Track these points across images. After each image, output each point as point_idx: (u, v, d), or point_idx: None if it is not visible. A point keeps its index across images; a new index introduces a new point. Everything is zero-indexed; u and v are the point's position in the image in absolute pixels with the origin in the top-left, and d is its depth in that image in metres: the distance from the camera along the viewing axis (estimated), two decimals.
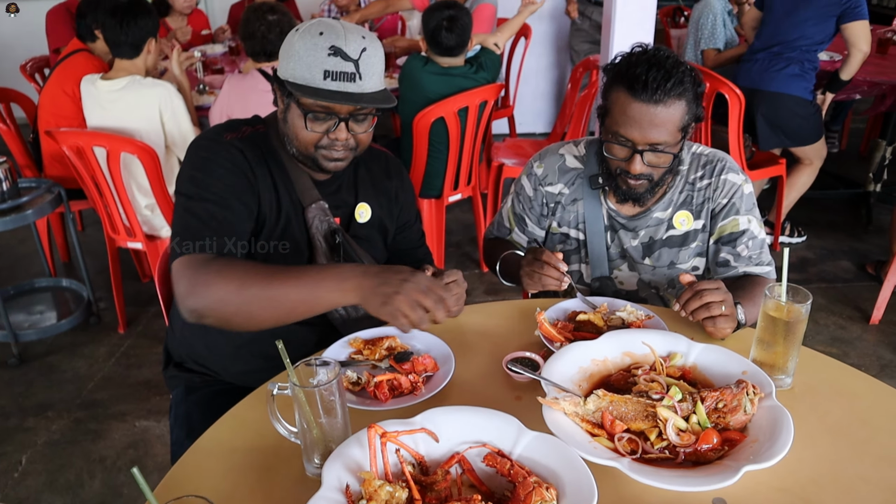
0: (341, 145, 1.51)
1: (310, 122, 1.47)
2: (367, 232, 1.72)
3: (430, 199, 3.44)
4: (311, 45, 1.42)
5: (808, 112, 3.67)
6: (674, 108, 1.55)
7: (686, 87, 1.55)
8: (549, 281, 1.63)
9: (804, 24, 3.55)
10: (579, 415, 1.21)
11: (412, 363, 1.40)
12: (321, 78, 1.42)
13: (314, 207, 1.60)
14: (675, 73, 1.53)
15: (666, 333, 1.43)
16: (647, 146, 1.58)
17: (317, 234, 1.61)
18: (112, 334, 3.38)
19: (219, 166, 1.50)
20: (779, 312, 1.34)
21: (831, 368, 1.45)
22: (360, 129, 1.51)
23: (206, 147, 1.53)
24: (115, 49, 3.00)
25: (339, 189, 1.67)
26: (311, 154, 1.53)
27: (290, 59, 1.45)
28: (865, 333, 3.25)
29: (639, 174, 1.61)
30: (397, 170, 1.79)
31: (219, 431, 1.31)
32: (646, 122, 1.55)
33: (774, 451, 1.10)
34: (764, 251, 1.73)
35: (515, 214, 1.91)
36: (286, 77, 1.46)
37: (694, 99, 1.59)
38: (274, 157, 1.59)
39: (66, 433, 2.76)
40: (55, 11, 4.33)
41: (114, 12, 2.93)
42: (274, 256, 1.59)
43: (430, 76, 3.20)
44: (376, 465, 1.09)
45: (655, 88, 1.52)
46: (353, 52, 1.43)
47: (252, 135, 1.59)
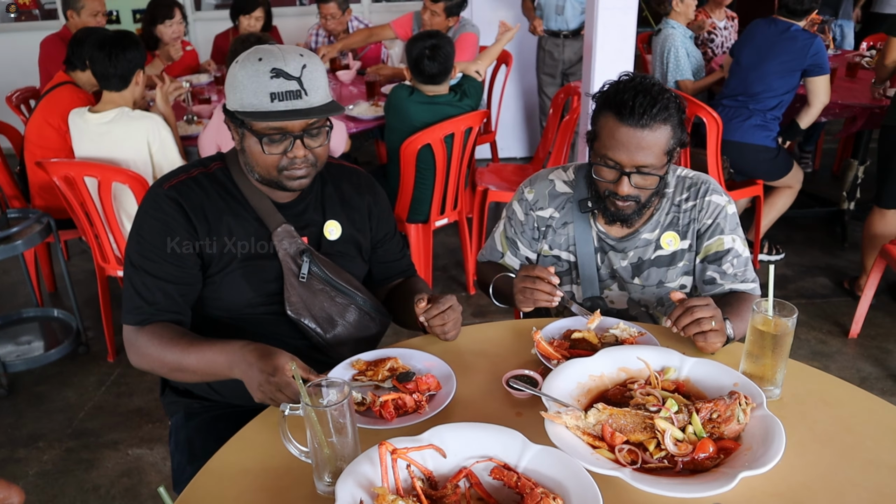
0: (301, 162, 1.56)
1: (266, 145, 1.53)
2: (341, 248, 1.75)
3: (417, 224, 3.49)
4: (252, 71, 1.48)
5: (771, 156, 3.82)
6: (659, 132, 1.62)
7: (671, 113, 1.63)
8: (541, 296, 1.67)
9: (769, 78, 3.70)
10: (580, 428, 1.25)
11: (415, 383, 1.44)
12: (268, 101, 1.48)
13: (280, 231, 1.65)
14: (660, 99, 1.61)
15: (659, 349, 1.49)
16: (635, 168, 1.64)
17: (285, 256, 1.65)
18: (101, 363, 3.37)
19: (153, 231, 1.59)
20: (766, 326, 1.40)
21: (817, 379, 1.51)
22: (315, 143, 1.57)
23: (146, 202, 1.62)
24: (104, 82, 3.02)
25: (305, 209, 1.72)
26: (274, 177, 1.58)
27: (235, 90, 1.51)
28: (845, 347, 3.33)
29: (626, 195, 1.68)
30: (369, 185, 1.83)
31: (227, 454, 1.34)
32: (633, 146, 1.62)
33: (768, 458, 1.15)
34: (748, 268, 1.79)
35: (508, 238, 1.96)
36: (235, 108, 1.53)
37: (679, 124, 1.66)
38: (232, 191, 1.65)
39: (58, 463, 2.75)
40: (50, 41, 4.36)
41: (101, 45, 2.96)
42: (243, 282, 1.64)
43: (415, 105, 3.26)
44: (388, 480, 1.13)
45: (642, 113, 1.59)
46: (295, 71, 1.49)
47: (201, 175, 1.65)
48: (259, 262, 1.64)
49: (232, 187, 1.65)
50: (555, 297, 1.67)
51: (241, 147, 1.58)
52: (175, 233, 1.58)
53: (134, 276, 1.59)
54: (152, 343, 1.55)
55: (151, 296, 1.58)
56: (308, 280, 1.67)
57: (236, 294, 1.64)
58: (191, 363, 1.52)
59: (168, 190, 1.60)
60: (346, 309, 1.73)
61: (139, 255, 1.59)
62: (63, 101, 3.37)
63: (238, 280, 1.64)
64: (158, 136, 3.01)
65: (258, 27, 4.68)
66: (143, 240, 1.59)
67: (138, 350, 1.57)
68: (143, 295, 1.58)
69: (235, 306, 1.66)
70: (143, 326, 1.57)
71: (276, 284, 1.66)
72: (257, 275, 1.65)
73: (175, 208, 1.59)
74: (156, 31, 4.41)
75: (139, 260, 1.59)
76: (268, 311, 1.67)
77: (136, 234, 1.61)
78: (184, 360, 1.52)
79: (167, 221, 1.58)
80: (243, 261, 1.63)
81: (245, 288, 1.64)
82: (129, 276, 1.60)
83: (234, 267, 1.63)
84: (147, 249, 1.58)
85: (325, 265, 1.69)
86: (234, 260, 1.63)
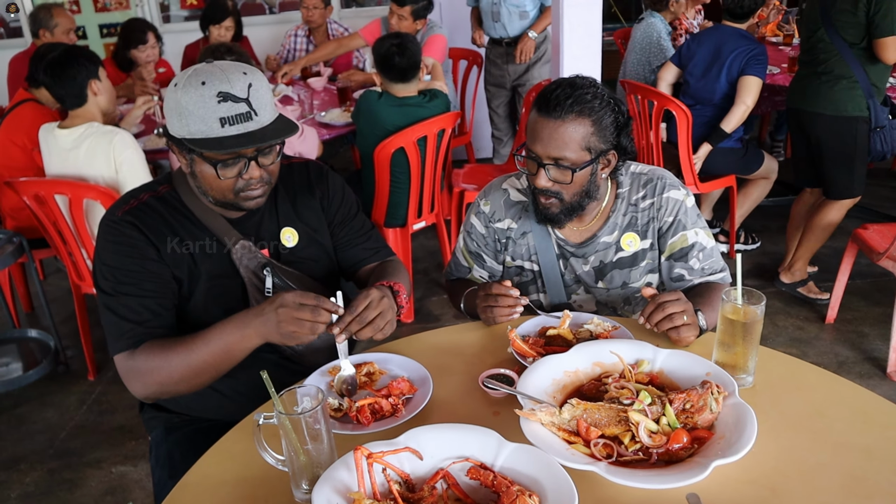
0: (257, 182, 1.54)
1: (221, 170, 1.49)
2: (302, 254, 1.74)
3: (395, 228, 3.50)
4: (197, 97, 1.42)
5: (739, 155, 3.85)
6: (575, 125, 1.61)
7: (590, 108, 1.61)
8: (503, 311, 1.66)
9: (719, 84, 3.73)
10: (555, 424, 1.26)
11: (388, 387, 1.44)
12: (219, 126, 1.44)
13: (238, 248, 1.63)
14: (579, 94, 1.61)
15: (632, 342, 1.50)
16: (550, 160, 1.64)
17: (247, 272, 1.64)
18: (82, 382, 3.34)
19: (118, 254, 1.55)
20: (736, 315, 1.42)
21: (788, 365, 1.53)
22: (268, 161, 1.55)
23: (103, 233, 1.58)
24: (62, 102, 2.99)
25: (260, 221, 1.69)
26: (230, 200, 1.56)
27: (180, 117, 1.45)
28: (822, 333, 3.37)
29: (544, 189, 1.67)
30: (319, 176, 1.79)
31: (205, 466, 1.34)
32: (546, 136, 1.63)
33: (741, 446, 1.16)
34: (715, 258, 1.80)
35: (471, 252, 1.95)
36: (182, 135, 1.46)
37: (606, 124, 1.64)
38: (184, 211, 1.62)
39: (41, 484, 2.73)
40: (18, 59, 4.32)
41: (45, 70, 2.95)
42: (210, 304, 1.62)
43: (386, 108, 3.26)
44: (364, 485, 1.13)
45: (556, 105, 1.61)
46: (241, 92, 1.45)
47: (150, 199, 1.62)
48: (223, 282, 1.63)
49: (184, 209, 1.62)
50: (517, 308, 1.67)
51: (192, 171, 1.54)
52: (142, 251, 1.55)
53: (112, 303, 1.54)
54: (152, 359, 1.51)
55: (138, 315, 1.54)
56: (272, 294, 1.65)
57: (205, 316, 1.61)
58: (202, 358, 1.48)
59: (123, 215, 1.57)
60: None
61: (113, 283, 1.54)
62: (26, 118, 3.34)
63: (206, 303, 1.62)
64: (123, 152, 2.96)
65: (228, 37, 4.67)
66: (112, 267, 1.55)
67: (139, 374, 1.52)
68: (129, 317, 1.53)
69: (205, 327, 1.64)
70: (137, 348, 1.53)
71: (244, 302, 1.65)
72: (224, 295, 1.64)
73: (135, 231, 1.55)
74: (129, 54, 4.38)
75: (114, 287, 1.54)
76: None
77: (101, 266, 1.56)
78: (193, 359, 1.48)
79: (132, 244, 1.55)
80: (207, 282, 1.61)
81: (213, 309, 1.62)
82: (108, 305, 1.55)
83: (200, 290, 1.61)
84: (119, 275, 1.54)
85: (289, 276, 1.68)
86: (198, 284, 1.61)
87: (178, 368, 1.49)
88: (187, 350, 1.49)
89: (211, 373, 1.52)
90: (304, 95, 4.09)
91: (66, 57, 2.94)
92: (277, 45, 5.38)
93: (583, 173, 1.66)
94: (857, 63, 3.14)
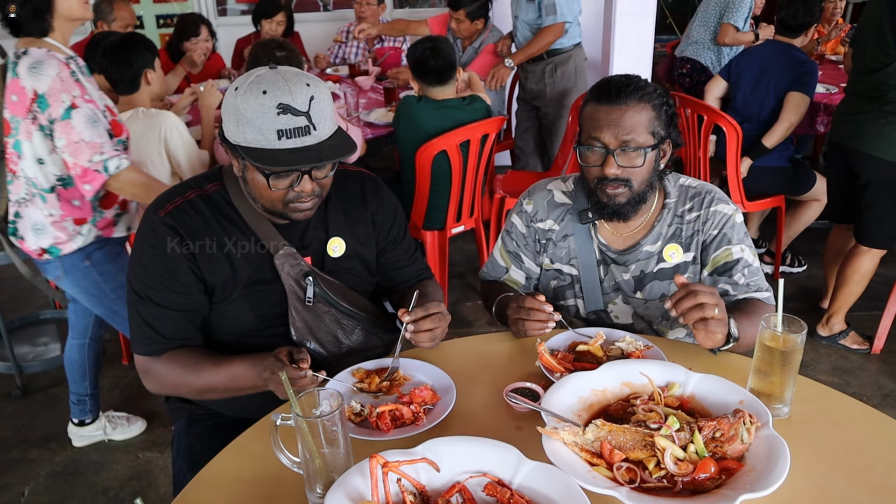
0: (307, 196, 1.51)
1: (272, 181, 1.47)
2: (346, 265, 1.72)
3: (434, 231, 3.48)
4: (257, 106, 1.39)
5: (788, 175, 3.74)
6: (638, 109, 1.64)
7: (649, 94, 1.65)
8: (535, 326, 1.65)
9: (769, 100, 3.63)
10: (578, 444, 1.22)
11: (411, 395, 1.42)
12: (275, 139, 1.40)
13: (281, 254, 1.61)
14: (637, 82, 1.66)
15: (664, 363, 1.45)
16: (619, 146, 1.64)
17: (288, 280, 1.61)
18: (116, 366, 3.40)
19: (154, 260, 1.55)
20: (775, 342, 1.36)
21: (828, 397, 1.47)
22: (321, 174, 1.51)
23: (142, 230, 1.58)
24: (115, 87, 3.05)
25: (307, 228, 1.67)
26: (279, 210, 1.54)
27: (238, 123, 1.42)
28: (867, 363, 3.25)
29: (615, 177, 1.65)
30: (374, 191, 1.77)
31: (221, 462, 1.33)
32: (614, 122, 1.63)
33: (771, 480, 1.11)
34: (760, 278, 1.74)
35: (509, 252, 1.93)
36: (238, 142, 1.44)
37: (663, 112, 1.67)
38: (230, 215, 1.60)
39: (69, 465, 2.77)
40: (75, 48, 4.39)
41: (105, 53, 3.00)
42: (247, 309, 1.62)
43: (426, 112, 3.25)
44: (378, 494, 1.11)
45: (618, 92, 1.63)
46: (303, 105, 1.41)
47: (197, 199, 1.59)
48: (262, 288, 1.61)
49: (230, 211, 1.60)
50: (549, 324, 1.65)
51: (244, 177, 1.52)
52: (176, 262, 1.54)
53: (139, 304, 1.56)
54: (174, 371, 1.56)
55: (161, 326, 1.55)
56: (313, 303, 1.64)
57: (240, 321, 1.62)
58: (221, 382, 1.54)
59: (164, 217, 1.55)
60: (352, 330, 1.72)
61: (143, 284, 1.55)
62: None
63: (242, 308, 1.61)
64: (172, 135, 3.02)
65: (280, 32, 4.71)
66: (145, 269, 1.55)
67: (158, 379, 1.58)
68: (152, 325, 1.55)
69: (239, 332, 1.64)
70: (158, 357, 1.56)
71: (279, 308, 1.64)
72: (261, 301, 1.62)
73: (172, 237, 1.54)
74: (182, 46, 4.45)
75: (143, 289, 1.55)
76: (272, 335, 1.64)
77: (136, 263, 1.57)
78: (214, 381, 1.54)
79: (165, 251, 1.54)
80: (246, 288, 1.60)
81: (249, 315, 1.62)
82: (134, 303, 1.57)
83: (237, 295, 1.60)
84: (150, 279, 1.55)
85: (330, 287, 1.67)
86: (236, 288, 1.60)
87: (194, 386, 1.57)
88: (210, 373, 1.54)
89: (222, 395, 1.59)
90: (351, 93, 4.09)
91: (126, 42, 3.00)
92: (329, 42, 5.40)
93: (650, 157, 1.67)
94: None
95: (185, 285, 1.56)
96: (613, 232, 1.81)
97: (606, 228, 1.81)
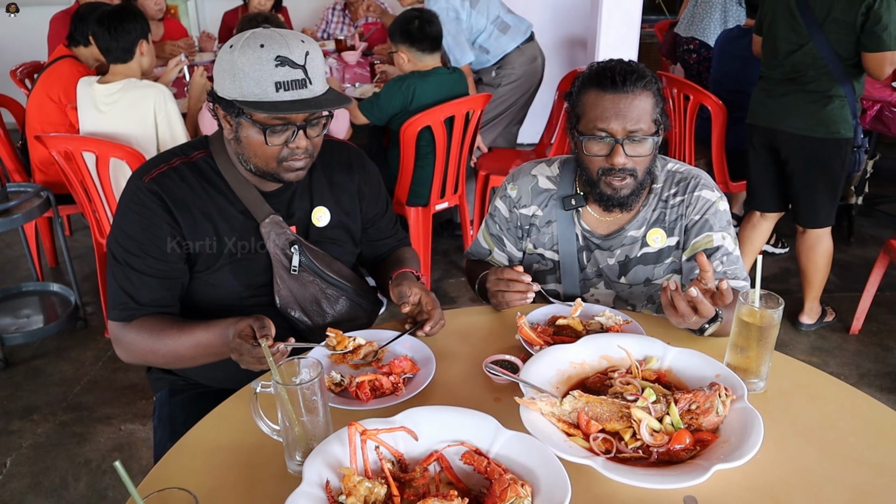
0: (302, 153, 1.51)
1: (269, 136, 1.46)
2: (331, 234, 1.72)
3: (417, 207, 3.47)
4: (254, 59, 1.40)
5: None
6: (643, 97, 1.62)
7: (650, 81, 1.63)
8: (514, 297, 1.66)
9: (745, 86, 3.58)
10: (556, 415, 1.24)
11: (390, 365, 1.42)
12: (273, 90, 1.41)
13: (268, 222, 1.60)
14: (637, 68, 1.64)
15: (642, 338, 1.46)
16: (627, 135, 1.62)
17: (274, 248, 1.61)
18: (99, 338, 3.38)
19: (134, 225, 1.53)
20: (752, 318, 1.38)
21: (804, 373, 1.49)
22: (315, 133, 1.53)
23: (126, 196, 1.56)
24: (108, 55, 3.03)
25: (292, 197, 1.67)
26: (272, 169, 1.53)
27: (234, 78, 1.43)
28: (845, 343, 3.30)
29: (623, 167, 1.64)
30: (359, 162, 1.78)
31: (202, 430, 1.33)
32: (621, 112, 1.61)
33: (744, 451, 1.13)
34: (739, 267, 1.73)
35: (492, 236, 1.92)
36: (234, 97, 1.44)
37: (659, 99, 1.66)
38: (216, 182, 1.59)
39: (52, 436, 2.77)
40: (59, 18, 4.34)
41: (101, 20, 2.97)
42: (232, 277, 1.61)
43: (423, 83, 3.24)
44: (356, 461, 1.12)
45: (623, 80, 1.60)
46: (299, 58, 1.43)
47: (182, 165, 1.58)
48: (247, 256, 1.61)
49: (216, 178, 1.59)
50: (528, 294, 1.65)
51: (237, 137, 1.51)
52: (157, 228, 1.53)
53: (117, 270, 1.55)
54: (141, 337, 1.53)
55: (136, 291, 1.54)
56: (298, 272, 1.64)
57: (224, 289, 1.62)
58: (186, 351, 1.51)
59: (148, 183, 1.54)
60: (336, 300, 1.72)
61: (122, 250, 1.54)
62: (63, 74, 3.37)
63: (226, 276, 1.61)
64: (164, 107, 3.00)
65: (268, 6, 4.66)
66: (126, 234, 1.54)
67: (126, 347, 1.56)
68: (128, 290, 1.54)
69: (223, 300, 1.64)
70: (129, 322, 1.54)
71: (264, 277, 1.64)
72: (246, 269, 1.62)
73: (156, 203, 1.53)
74: (137, 3, 4.38)
75: (122, 254, 1.54)
76: (256, 303, 1.64)
77: (118, 228, 1.56)
78: (179, 349, 1.51)
79: (149, 217, 1.53)
80: (231, 256, 1.60)
81: (233, 283, 1.62)
82: (112, 270, 1.56)
83: (221, 263, 1.60)
84: (130, 244, 1.53)
85: (315, 256, 1.67)
86: (220, 256, 1.59)
87: (160, 353, 1.53)
88: (175, 340, 1.51)
89: (192, 363, 1.55)
90: (337, 69, 4.07)
91: (123, 12, 3.00)
92: (316, 19, 5.36)
93: (655, 145, 1.66)
94: (847, 80, 2.92)
95: (164, 252, 1.55)
96: (598, 217, 1.80)
97: (591, 214, 1.80)
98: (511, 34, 4.02)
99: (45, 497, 2.47)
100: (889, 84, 3.86)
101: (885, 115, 3.69)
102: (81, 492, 2.49)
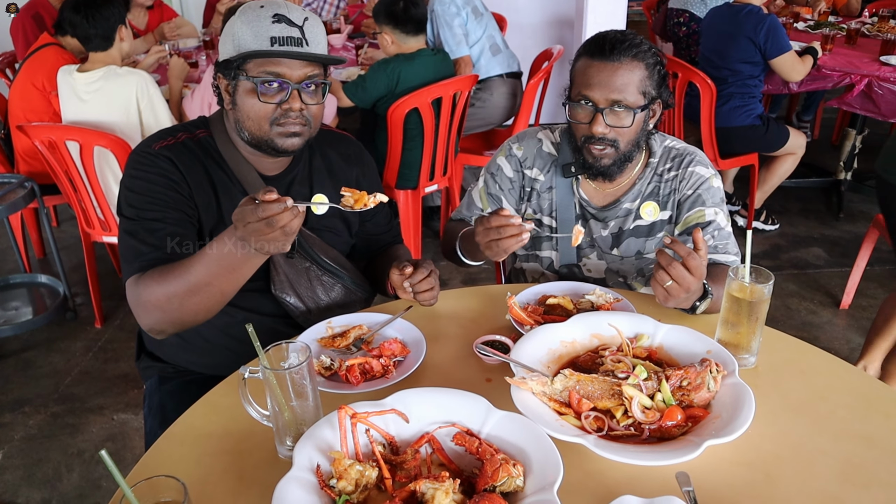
0: (296, 117, 1.50)
1: (262, 94, 1.47)
2: (328, 223, 1.71)
3: (407, 191, 3.45)
4: (253, 17, 1.45)
5: (760, 133, 3.74)
6: (630, 67, 1.61)
7: (643, 52, 1.62)
8: (509, 242, 1.50)
9: (734, 64, 3.63)
10: (547, 394, 1.23)
11: (380, 348, 1.41)
12: (268, 45, 1.44)
13: None
14: (632, 39, 1.62)
15: (633, 315, 1.46)
16: (608, 104, 1.61)
17: None
18: (89, 329, 3.36)
19: (148, 181, 1.51)
20: (742, 293, 1.37)
21: (794, 348, 1.49)
22: (311, 100, 1.52)
23: (135, 162, 1.54)
24: (87, 43, 2.98)
25: (292, 182, 1.66)
26: (266, 134, 1.51)
27: (234, 39, 1.47)
28: (835, 318, 3.31)
29: (600, 137, 1.63)
30: (358, 155, 1.78)
31: (191, 417, 1.32)
32: (604, 80, 1.61)
33: (736, 426, 1.13)
34: (730, 242, 1.73)
35: (490, 195, 1.89)
36: (230, 54, 1.48)
37: (655, 71, 1.65)
38: (217, 160, 1.59)
39: (44, 428, 2.75)
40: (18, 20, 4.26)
41: (76, 8, 2.92)
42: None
43: (409, 66, 3.21)
44: (347, 445, 1.11)
45: (612, 49, 1.60)
46: (297, 19, 1.46)
47: (188, 140, 1.58)
48: None
49: (218, 157, 1.59)
50: (523, 235, 1.51)
51: (233, 101, 1.51)
52: (175, 182, 1.51)
53: (133, 227, 1.49)
54: (155, 282, 1.41)
55: (157, 240, 1.48)
56: (295, 258, 1.63)
57: None
58: (200, 274, 1.37)
59: (160, 149, 1.54)
60: (331, 287, 1.71)
61: (137, 208, 1.50)
62: (48, 61, 3.31)
63: None
64: (147, 93, 2.97)
65: None
66: (138, 194, 1.50)
67: (144, 303, 1.43)
68: (147, 240, 1.47)
69: None
70: (143, 273, 1.44)
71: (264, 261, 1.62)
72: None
73: (170, 165, 1.52)
74: None
75: (137, 212, 1.49)
76: (252, 288, 1.60)
77: (128, 193, 1.52)
78: (192, 276, 1.37)
79: (164, 174, 1.51)
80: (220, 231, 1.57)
81: None
82: (128, 230, 1.49)
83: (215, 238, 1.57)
84: (145, 201, 1.50)
85: (313, 243, 1.66)
86: (213, 230, 1.57)
87: (180, 289, 1.39)
88: (185, 268, 1.38)
89: (212, 292, 1.40)
90: None
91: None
92: None
93: (640, 118, 1.65)
94: None
95: (182, 204, 1.52)
96: (595, 188, 1.81)
97: (589, 184, 1.81)
98: (500, 60, 4.00)
99: (38, 488, 2.46)
100: (877, 58, 3.85)
101: (874, 92, 3.68)
102: (75, 482, 2.48)
